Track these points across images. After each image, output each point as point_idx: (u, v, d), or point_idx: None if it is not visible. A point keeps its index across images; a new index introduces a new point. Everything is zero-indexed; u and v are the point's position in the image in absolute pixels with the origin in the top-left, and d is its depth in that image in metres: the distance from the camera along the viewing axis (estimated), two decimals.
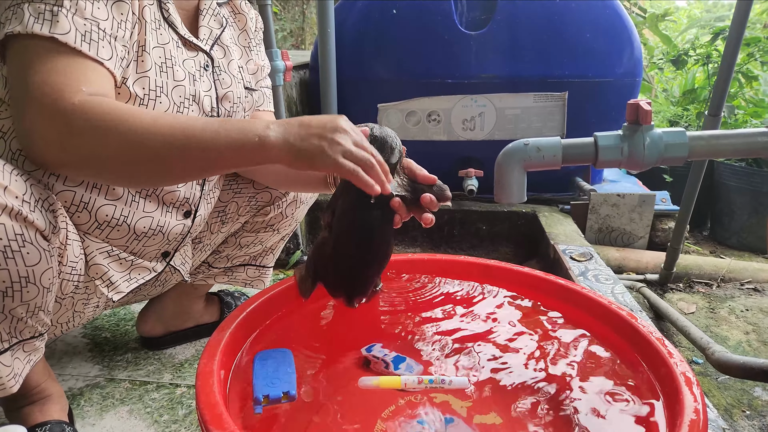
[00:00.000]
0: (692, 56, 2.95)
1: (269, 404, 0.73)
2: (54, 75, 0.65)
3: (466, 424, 0.78)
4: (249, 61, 1.00)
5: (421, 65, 1.99)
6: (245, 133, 0.67)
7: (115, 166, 0.68)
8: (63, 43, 0.67)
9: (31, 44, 0.66)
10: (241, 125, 0.68)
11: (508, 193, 0.82)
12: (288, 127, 0.68)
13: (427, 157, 1.04)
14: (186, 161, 0.68)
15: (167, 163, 0.68)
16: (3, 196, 0.63)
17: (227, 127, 0.67)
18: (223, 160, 0.68)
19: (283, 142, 0.67)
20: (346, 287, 0.82)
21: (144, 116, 0.66)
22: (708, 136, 0.77)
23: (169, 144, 0.66)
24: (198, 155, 0.67)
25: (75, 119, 0.64)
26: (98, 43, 0.70)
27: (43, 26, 0.66)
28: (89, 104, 0.64)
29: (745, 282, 1.84)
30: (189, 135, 0.66)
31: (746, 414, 1.20)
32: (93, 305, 0.89)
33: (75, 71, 0.67)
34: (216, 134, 0.66)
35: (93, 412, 0.98)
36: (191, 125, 0.67)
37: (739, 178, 2.42)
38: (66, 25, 0.67)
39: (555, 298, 0.97)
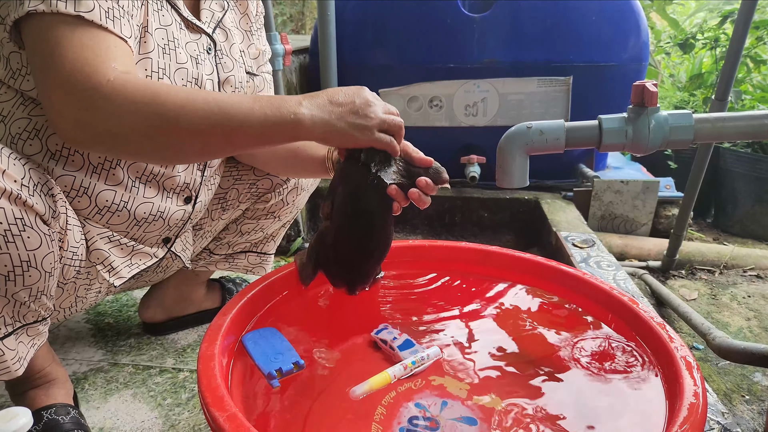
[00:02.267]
0: (700, 40, 2.90)
1: (284, 377, 0.74)
2: (85, 51, 0.64)
3: (464, 406, 0.79)
4: (250, 46, 0.99)
5: (423, 49, 1.97)
6: (280, 110, 0.67)
7: (142, 138, 0.66)
8: (89, 21, 0.66)
9: (56, 21, 0.65)
10: (275, 102, 0.68)
11: (509, 178, 0.81)
12: (321, 105, 0.68)
13: (429, 144, 1.03)
14: (222, 136, 0.67)
15: (202, 138, 0.67)
16: (2, 180, 0.63)
17: (262, 104, 0.67)
18: (257, 137, 0.68)
19: (318, 121, 0.68)
20: (348, 276, 0.82)
21: (179, 92, 0.66)
22: (714, 118, 0.76)
23: (205, 120, 0.65)
24: (233, 131, 0.67)
25: (110, 96, 0.63)
26: (120, 21, 0.70)
27: (68, 4, 0.65)
28: (123, 80, 0.64)
29: (748, 269, 1.84)
30: (224, 111, 0.66)
31: (745, 399, 1.20)
32: (95, 291, 0.89)
33: (105, 48, 0.66)
34: (251, 111, 0.66)
35: (97, 395, 0.99)
36: (226, 101, 0.67)
37: (744, 165, 2.40)
38: (90, 2, 0.66)
39: (556, 283, 0.96)
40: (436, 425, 0.75)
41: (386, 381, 0.78)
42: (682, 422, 0.59)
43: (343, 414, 0.78)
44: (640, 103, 0.76)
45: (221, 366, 0.68)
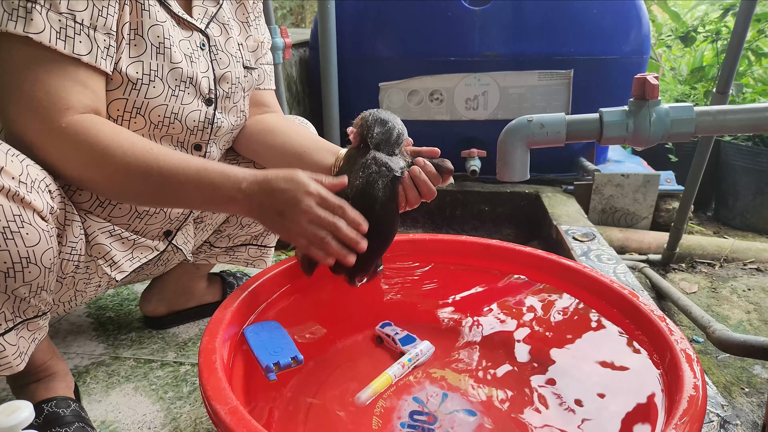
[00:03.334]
0: (701, 33, 2.89)
1: (281, 370, 0.74)
2: (39, 89, 0.68)
3: (464, 398, 0.79)
4: (248, 37, 0.98)
5: (424, 42, 1.96)
6: (217, 192, 0.72)
7: (93, 184, 0.74)
8: (38, 43, 0.68)
9: (9, 44, 0.68)
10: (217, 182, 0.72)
11: (510, 172, 0.81)
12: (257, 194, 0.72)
13: (430, 138, 1.03)
14: (161, 199, 0.76)
15: (142, 194, 0.74)
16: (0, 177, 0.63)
17: (203, 181, 0.72)
18: (196, 206, 0.77)
19: (248, 209, 0.73)
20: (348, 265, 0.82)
21: (127, 150, 0.71)
22: (715, 111, 0.76)
23: (146, 180, 0.72)
24: (171, 196, 0.74)
25: (62, 144, 0.69)
26: (74, 39, 0.70)
27: (17, 24, 0.67)
28: (76, 128, 0.69)
29: (748, 262, 1.84)
30: (168, 178, 0.72)
31: (745, 391, 1.20)
32: (95, 285, 0.90)
33: (57, 83, 0.69)
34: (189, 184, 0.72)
35: (99, 389, 1.00)
36: (173, 168, 0.72)
37: (745, 158, 2.39)
38: (40, 22, 0.67)
39: (556, 277, 0.97)
40: (434, 419, 0.75)
41: (388, 382, 0.78)
42: (682, 414, 0.59)
43: (344, 407, 0.78)
44: (642, 96, 0.76)
45: (222, 359, 0.69)
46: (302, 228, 0.72)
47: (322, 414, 0.77)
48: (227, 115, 0.93)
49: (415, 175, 0.80)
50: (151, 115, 0.81)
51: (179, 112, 0.83)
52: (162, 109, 0.81)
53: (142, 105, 0.79)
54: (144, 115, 0.80)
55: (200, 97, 0.86)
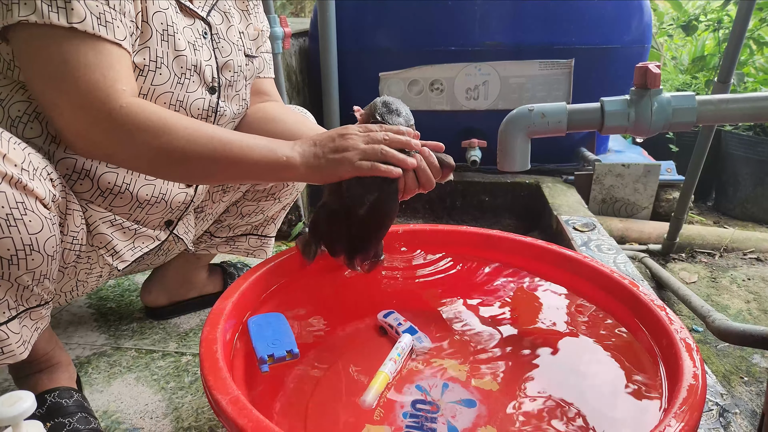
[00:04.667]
0: (703, 22, 2.87)
1: (275, 363, 0.74)
2: (92, 72, 0.68)
3: (464, 389, 0.79)
4: (249, 26, 0.98)
5: (424, 32, 1.94)
6: (275, 153, 0.74)
7: (152, 163, 0.73)
8: (84, 32, 0.67)
9: (51, 34, 0.67)
10: (271, 144, 0.75)
11: (511, 161, 0.81)
12: (306, 147, 0.76)
13: (430, 128, 1.03)
14: (221, 171, 0.75)
15: (204, 171, 0.75)
16: (2, 164, 0.63)
17: (259, 145, 0.75)
18: (253, 174, 0.77)
19: (305, 163, 0.75)
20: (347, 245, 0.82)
21: (187, 124, 0.72)
22: (717, 100, 0.75)
23: (209, 156, 0.72)
24: (232, 167, 0.74)
25: (123, 125, 0.69)
26: (113, 24, 0.71)
27: (60, 15, 0.66)
28: (134, 108, 0.69)
29: (748, 252, 1.84)
30: (226, 149, 0.73)
31: (744, 380, 1.21)
32: (96, 275, 0.90)
33: (108, 66, 0.69)
34: (249, 150, 0.74)
35: (101, 379, 1.00)
36: (229, 138, 0.74)
37: (746, 148, 2.39)
38: (81, 10, 0.67)
39: (557, 267, 0.97)
40: (437, 409, 0.76)
41: (387, 380, 0.78)
42: (682, 403, 0.59)
43: (346, 397, 0.78)
44: (643, 85, 0.76)
45: (224, 350, 0.69)
46: (360, 149, 0.74)
47: (324, 403, 0.77)
48: (230, 104, 0.93)
49: (417, 167, 0.80)
50: (157, 103, 0.81)
51: (184, 100, 0.83)
52: (168, 96, 0.81)
53: (148, 92, 0.79)
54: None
55: (204, 85, 0.86)
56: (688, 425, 0.56)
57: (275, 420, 0.73)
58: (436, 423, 0.72)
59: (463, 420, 0.73)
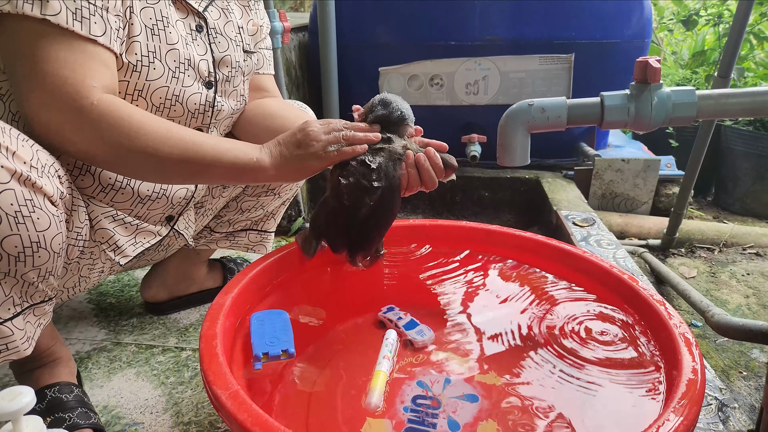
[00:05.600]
0: (703, 16, 2.86)
1: (268, 361, 0.74)
2: (63, 68, 0.67)
3: (466, 383, 0.79)
4: (249, 21, 0.97)
5: (424, 27, 1.94)
6: (246, 154, 0.76)
7: (122, 163, 0.74)
8: (56, 25, 0.67)
9: (25, 26, 0.67)
10: (243, 147, 0.77)
11: (511, 156, 0.81)
12: (273, 148, 0.78)
13: (430, 123, 1.02)
14: (191, 172, 0.76)
15: (175, 171, 0.75)
16: (12, 162, 0.63)
17: (231, 148, 0.76)
18: (224, 176, 0.77)
19: (274, 163, 0.76)
20: (348, 241, 0.82)
21: (160, 126, 0.72)
22: (717, 95, 0.75)
23: (178, 155, 0.73)
24: (204, 169, 0.75)
25: (93, 122, 0.68)
26: (89, 20, 0.70)
27: (34, 6, 0.66)
28: (104, 106, 0.69)
29: (747, 247, 1.84)
30: (198, 149, 0.74)
31: (743, 375, 1.21)
32: (98, 270, 0.90)
33: (81, 63, 0.69)
34: (220, 152, 0.75)
35: (101, 374, 1.00)
36: (201, 140, 0.74)
37: (745, 143, 2.38)
38: (56, 4, 0.67)
39: (556, 262, 0.97)
40: (438, 404, 0.76)
41: (386, 378, 0.78)
42: (681, 397, 0.60)
43: (346, 391, 0.79)
44: (643, 79, 0.75)
45: (223, 345, 0.69)
46: (323, 139, 0.77)
47: (323, 398, 0.77)
48: (227, 99, 0.92)
49: (420, 163, 0.80)
50: (153, 98, 0.80)
51: (180, 95, 0.83)
52: (163, 91, 0.81)
53: (143, 87, 0.79)
54: (146, 98, 0.80)
55: (200, 80, 0.86)
56: (687, 419, 0.57)
57: (275, 414, 0.73)
58: (437, 418, 0.73)
59: (465, 415, 0.73)
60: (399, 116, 0.82)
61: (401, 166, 0.79)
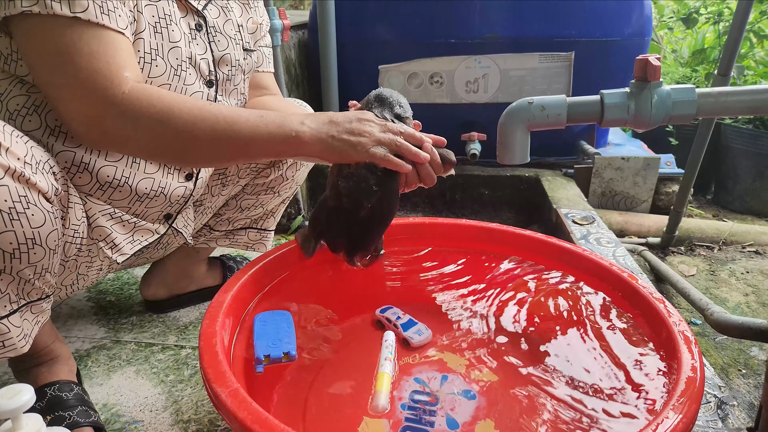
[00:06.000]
0: (703, 14, 2.86)
1: (270, 364, 0.74)
2: (96, 60, 0.68)
3: (463, 381, 0.80)
4: (249, 19, 0.97)
5: (423, 24, 1.93)
6: (283, 128, 0.72)
7: (157, 147, 0.73)
8: (87, 21, 0.68)
9: (57, 25, 0.67)
10: (279, 120, 0.73)
11: (510, 154, 0.80)
12: (320, 124, 0.74)
13: (430, 121, 1.02)
14: (229, 151, 0.74)
15: (211, 151, 0.74)
16: (5, 158, 0.63)
17: (267, 121, 0.73)
18: (261, 152, 0.75)
19: (318, 140, 0.73)
20: (347, 241, 0.82)
21: (192, 107, 0.71)
22: (717, 93, 0.75)
23: (215, 136, 0.71)
24: (241, 146, 0.73)
25: (127, 111, 0.69)
26: (115, 12, 0.71)
27: (63, 5, 0.66)
28: (138, 93, 0.69)
29: (747, 245, 1.84)
30: (233, 128, 0.72)
31: (742, 373, 1.22)
32: (96, 268, 0.90)
33: (113, 53, 0.69)
34: (256, 128, 0.72)
35: (100, 372, 1.00)
36: (235, 118, 0.72)
37: (745, 141, 2.38)
38: (84, 1, 0.67)
39: (556, 260, 0.97)
40: (435, 400, 0.76)
41: (390, 380, 0.78)
42: (680, 395, 0.60)
43: (345, 389, 0.79)
44: (643, 77, 0.75)
45: (223, 343, 0.69)
46: (377, 137, 0.74)
47: (322, 396, 0.77)
48: (228, 98, 0.92)
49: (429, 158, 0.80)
50: None
51: (182, 93, 0.83)
52: (165, 89, 0.81)
53: (146, 84, 0.79)
54: None
55: (201, 78, 0.86)
56: (686, 417, 0.57)
57: (274, 412, 0.73)
58: (435, 416, 0.73)
59: (462, 412, 0.73)
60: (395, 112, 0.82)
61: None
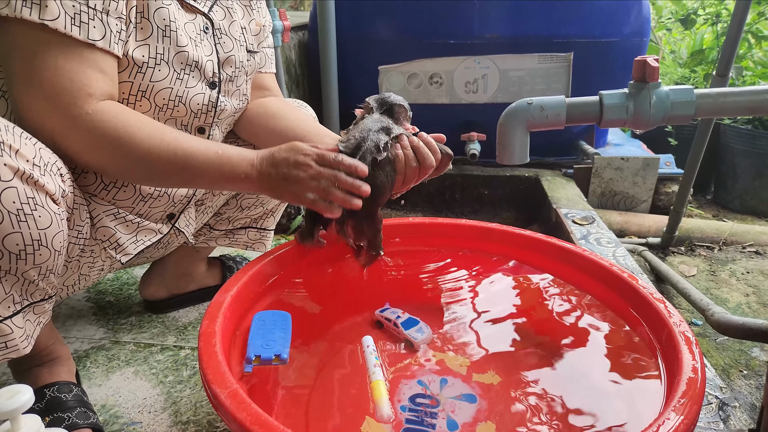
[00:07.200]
0: (701, 15, 2.86)
1: (260, 365, 0.73)
2: (60, 76, 0.68)
3: (464, 383, 0.79)
4: (251, 21, 0.97)
5: (423, 25, 1.94)
6: (235, 170, 0.75)
7: (115, 170, 0.76)
8: (53, 30, 0.67)
9: (23, 30, 0.67)
10: (235, 159, 0.76)
11: (510, 154, 0.80)
12: (265, 168, 0.76)
13: (429, 121, 1.03)
14: (185, 180, 0.77)
15: (164, 176, 0.76)
16: (15, 160, 0.63)
17: (222, 159, 0.75)
18: (213, 185, 0.79)
19: (261, 182, 0.76)
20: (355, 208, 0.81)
21: (152, 134, 0.73)
22: (715, 93, 0.75)
23: (169, 165, 0.74)
24: (194, 177, 0.76)
25: (87, 132, 0.70)
26: (88, 24, 0.70)
27: (32, 11, 0.66)
28: (101, 116, 0.70)
29: (747, 245, 1.84)
30: (189, 160, 0.74)
31: (743, 374, 1.21)
32: (98, 268, 0.90)
33: (76, 70, 0.70)
34: (210, 163, 0.75)
35: (99, 373, 1.00)
36: (193, 150, 0.74)
37: (744, 141, 2.38)
38: (54, 8, 0.67)
39: (556, 260, 0.97)
40: (436, 403, 0.76)
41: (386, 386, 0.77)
42: (681, 396, 0.59)
43: (346, 390, 0.78)
44: (642, 78, 0.75)
45: (222, 343, 0.69)
46: (306, 185, 0.74)
47: (322, 397, 0.77)
48: (230, 99, 0.93)
49: (415, 145, 0.81)
50: (156, 98, 0.80)
51: (184, 96, 0.83)
52: (167, 92, 0.81)
53: (147, 88, 0.79)
54: (149, 98, 0.80)
55: (204, 80, 0.86)
56: (687, 418, 0.56)
57: (275, 414, 0.73)
58: (436, 418, 0.72)
59: (463, 415, 0.73)
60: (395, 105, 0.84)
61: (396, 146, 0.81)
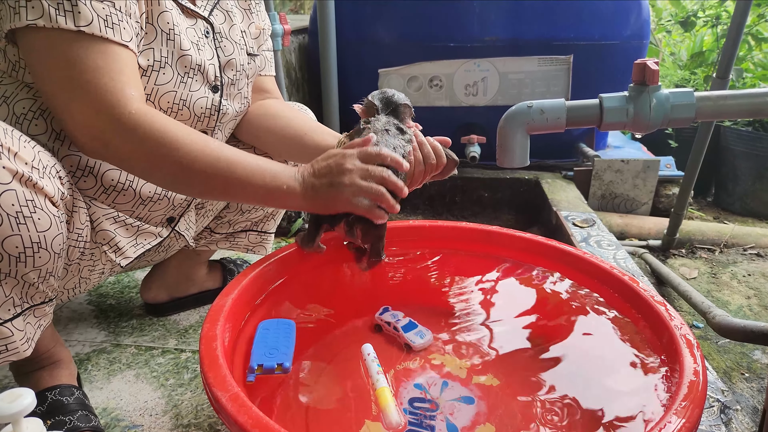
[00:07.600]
0: (701, 18, 2.87)
1: (263, 373, 0.73)
2: (102, 76, 0.68)
3: (463, 386, 0.79)
4: (251, 24, 0.98)
5: (423, 28, 1.94)
6: (275, 181, 0.74)
7: (156, 176, 0.74)
8: (91, 35, 0.68)
9: (60, 39, 0.67)
10: (275, 170, 0.74)
11: (510, 157, 0.81)
12: (307, 178, 0.75)
13: (429, 124, 1.03)
14: (220, 189, 0.75)
15: (205, 187, 0.75)
16: (13, 162, 0.63)
17: (263, 169, 0.74)
18: (252, 197, 0.76)
19: (304, 194, 0.74)
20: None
21: (195, 141, 0.72)
22: (715, 96, 0.75)
23: (212, 174, 0.72)
24: (234, 188, 0.74)
25: (130, 132, 0.69)
26: (119, 26, 0.71)
27: (67, 19, 0.67)
28: (143, 116, 0.69)
29: (748, 247, 1.84)
30: (230, 169, 0.72)
31: (745, 376, 1.21)
32: (98, 271, 0.90)
33: (118, 70, 0.69)
34: (252, 174, 0.73)
35: (100, 376, 1.00)
36: (234, 159, 0.73)
37: (745, 143, 2.39)
38: (88, 13, 0.68)
39: (557, 263, 0.97)
40: (436, 406, 0.76)
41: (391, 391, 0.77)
42: (683, 399, 0.59)
43: (346, 393, 0.78)
44: (642, 81, 0.75)
45: (223, 346, 0.69)
46: (357, 186, 0.73)
47: (322, 401, 0.77)
48: (232, 102, 0.93)
49: (420, 142, 0.82)
50: (161, 102, 0.81)
51: (187, 99, 0.84)
52: (171, 95, 0.81)
53: (152, 91, 0.79)
54: (154, 102, 0.81)
55: (207, 84, 0.87)
56: (689, 421, 0.56)
57: (275, 418, 0.73)
58: (435, 420, 0.72)
59: (462, 418, 0.73)
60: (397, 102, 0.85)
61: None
